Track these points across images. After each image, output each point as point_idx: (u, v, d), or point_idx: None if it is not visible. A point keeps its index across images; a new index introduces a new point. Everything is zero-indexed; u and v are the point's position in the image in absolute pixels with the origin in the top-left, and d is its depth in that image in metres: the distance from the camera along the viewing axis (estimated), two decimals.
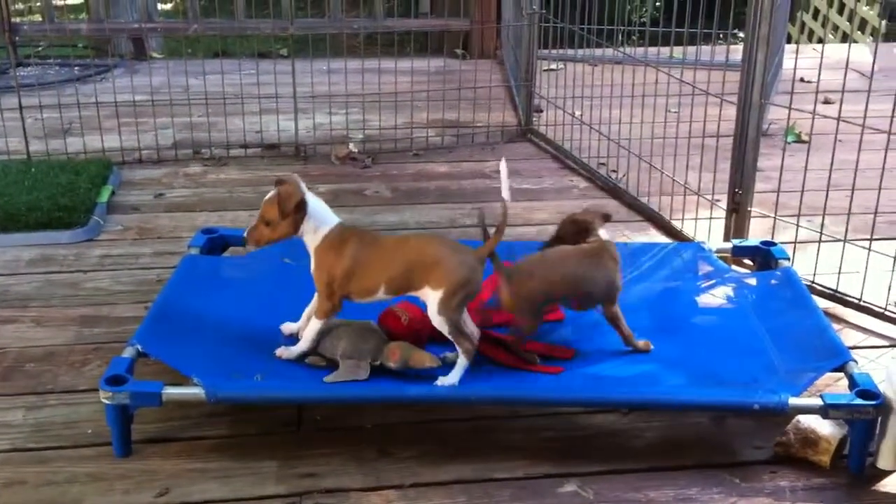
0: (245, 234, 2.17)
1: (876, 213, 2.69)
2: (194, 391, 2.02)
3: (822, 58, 2.75)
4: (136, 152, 3.84)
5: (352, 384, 2.12)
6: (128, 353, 2.12)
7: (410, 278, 2.09)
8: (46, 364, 2.42)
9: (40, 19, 5.56)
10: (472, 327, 2.15)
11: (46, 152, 3.74)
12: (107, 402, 2.00)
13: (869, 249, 2.64)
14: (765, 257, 2.69)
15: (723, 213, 3.00)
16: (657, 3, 5.71)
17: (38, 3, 5.79)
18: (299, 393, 2.11)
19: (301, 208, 2.07)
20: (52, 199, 3.20)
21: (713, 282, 2.61)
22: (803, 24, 7.00)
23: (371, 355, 2.15)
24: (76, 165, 3.54)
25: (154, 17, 5.35)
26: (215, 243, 2.75)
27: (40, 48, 5.26)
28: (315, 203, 2.14)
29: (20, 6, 6.47)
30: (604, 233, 2.26)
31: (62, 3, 7.00)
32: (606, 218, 2.30)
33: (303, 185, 2.14)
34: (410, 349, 2.16)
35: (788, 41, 5.12)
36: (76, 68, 4.81)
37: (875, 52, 2.75)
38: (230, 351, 2.23)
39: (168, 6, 7.90)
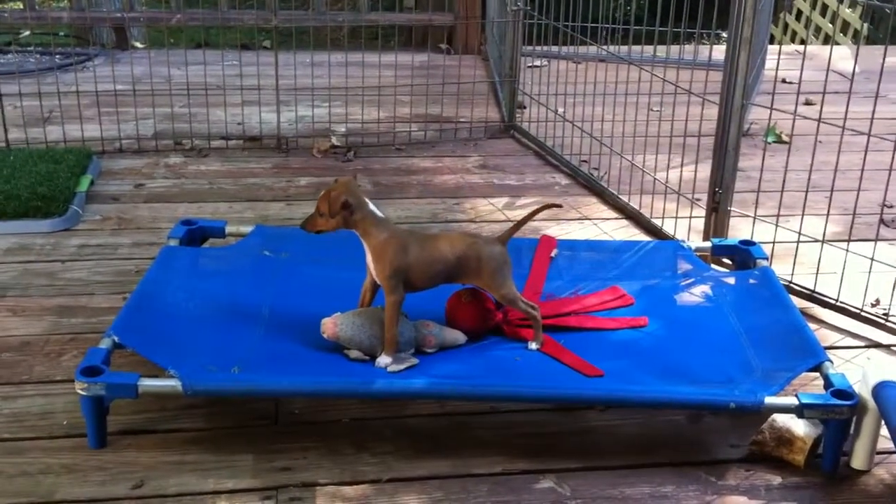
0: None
1: (854, 214, 2.71)
2: (170, 383, 2.01)
3: (803, 59, 2.77)
4: (117, 142, 3.81)
5: (329, 378, 2.12)
6: (104, 343, 2.11)
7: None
8: (22, 354, 2.41)
9: (21, 7, 5.52)
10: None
11: (26, 140, 3.71)
12: (82, 393, 1.99)
13: (847, 251, 2.66)
14: (743, 257, 2.70)
15: (703, 213, 3.01)
16: (641, 2, 5.74)
17: None
18: (276, 386, 2.10)
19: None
20: (31, 188, 3.18)
21: (692, 280, 2.62)
22: (786, 26, 7.04)
23: (408, 347, 2.20)
24: (55, 154, 3.51)
25: (136, 6, 5.31)
26: (195, 235, 2.74)
27: (21, 36, 5.22)
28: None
29: None
30: None
31: None
32: None
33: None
34: (442, 332, 2.24)
35: (771, 42, 5.15)
36: (57, 56, 4.77)
37: (856, 55, 2.77)
38: (208, 343, 2.22)
39: None
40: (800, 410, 2.01)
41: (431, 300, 2.32)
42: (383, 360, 2.16)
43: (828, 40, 6.48)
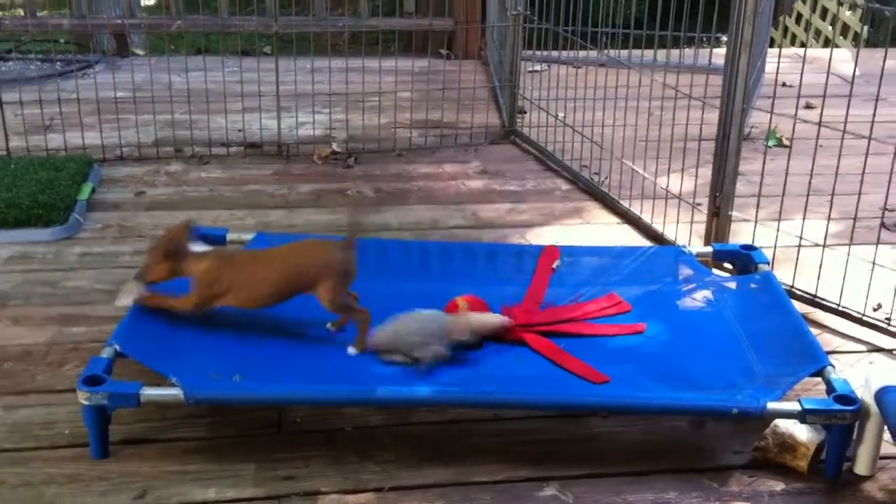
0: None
1: (855, 218, 2.71)
2: (172, 392, 2.01)
3: (804, 62, 2.77)
4: (118, 149, 3.81)
5: (332, 386, 2.12)
6: (106, 353, 2.11)
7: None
8: (24, 363, 2.41)
9: (21, 14, 5.53)
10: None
11: (26, 148, 3.71)
12: (84, 402, 1.99)
13: (848, 255, 2.65)
14: (745, 261, 2.70)
15: (704, 217, 3.01)
16: (641, 6, 5.74)
17: None
18: (279, 394, 2.10)
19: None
20: (32, 197, 3.18)
21: (693, 285, 2.62)
22: (786, 29, 7.04)
23: (440, 341, 2.22)
24: (56, 162, 3.51)
25: (137, 13, 5.31)
26: None
27: (21, 43, 5.22)
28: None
29: (1, 1, 6.43)
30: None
31: None
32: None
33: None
34: (470, 317, 2.27)
35: (771, 45, 5.15)
36: (58, 64, 4.77)
37: (857, 58, 2.77)
38: (209, 351, 2.23)
39: (151, 2, 7.86)
40: (802, 416, 2.01)
41: (435, 306, 2.32)
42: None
43: (828, 43, 6.48)
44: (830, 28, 6.46)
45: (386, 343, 2.23)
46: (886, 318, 2.63)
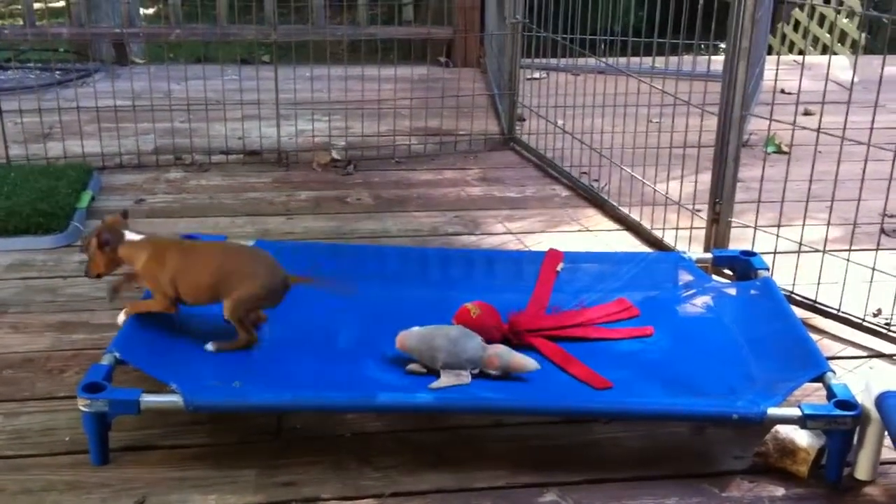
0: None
1: (855, 224, 2.71)
2: (172, 399, 2.01)
3: (802, 69, 2.77)
4: (117, 157, 3.82)
5: (331, 392, 2.12)
6: (106, 360, 2.10)
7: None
8: (24, 370, 2.40)
9: (21, 23, 5.54)
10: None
11: (26, 157, 3.72)
12: (84, 409, 1.98)
13: (848, 260, 2.66)
14: (744, 267, 2.70)
15: (703, 223, 3.02)
16: (639, 14, 5.75)
17: (19, 7, 5.76)
18: (278, 401, 2.10)
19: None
20: (32, 205, 3.18)
21: (693, 291, 2.62)
22: (784, 36, 7.05)
23: (471, 365, 2.19)
24: (56, 170, 3.52)
25: (136, 21, 5.33)
26: None
27: (21, 52, 5.23)
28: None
29: (0, 9, 6.44)
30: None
31: (43, 6, 6.99)
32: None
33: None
34: (509, 355, 2.21)
35: (769, 53, 5.16)
36: (57, 72, 4.78)
37: (855, 64, 2.78)
38: (209, 358, 2.23)
39: (150, 11, 7.88)
40: (803, 421, 2.01)
41: (437, 314, 2.32)
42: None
43: (826, 50, 6.49)
44: (829, 35, 6.47)
45: (410, 346, 2.21)
46: (886, 324, 2.63)
